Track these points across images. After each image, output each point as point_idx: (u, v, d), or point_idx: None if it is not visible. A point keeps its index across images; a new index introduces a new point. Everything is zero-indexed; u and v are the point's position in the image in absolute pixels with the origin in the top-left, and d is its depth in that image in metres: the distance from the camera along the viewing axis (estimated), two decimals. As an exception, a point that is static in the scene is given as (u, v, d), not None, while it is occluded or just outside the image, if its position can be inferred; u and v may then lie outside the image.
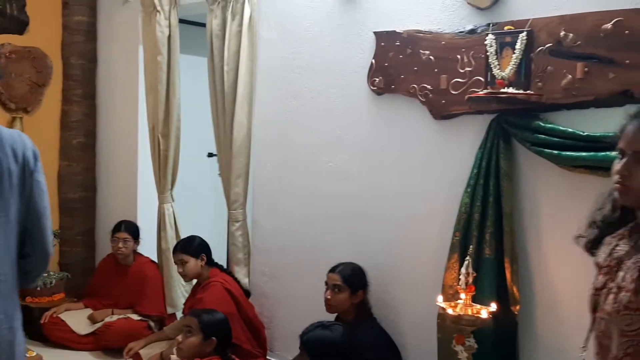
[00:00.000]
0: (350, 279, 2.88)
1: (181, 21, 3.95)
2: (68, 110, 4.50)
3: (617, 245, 1.45)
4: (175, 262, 3.56)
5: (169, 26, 3.85)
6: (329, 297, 2.88)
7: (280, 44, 3.44)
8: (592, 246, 1.52)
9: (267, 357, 3.49)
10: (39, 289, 4.01)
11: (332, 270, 2.94)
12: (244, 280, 3.61)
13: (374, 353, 2.75)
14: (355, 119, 3.17)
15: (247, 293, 3.56)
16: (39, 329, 3.87)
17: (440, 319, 2.67)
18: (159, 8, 3.81)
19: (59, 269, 4.46)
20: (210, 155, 4.42)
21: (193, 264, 3.46)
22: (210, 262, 3.54)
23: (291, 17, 3.38)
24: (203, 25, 3.72)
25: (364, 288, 2.91)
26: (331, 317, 2.93)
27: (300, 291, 3.38)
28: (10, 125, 4.18)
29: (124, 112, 4.39)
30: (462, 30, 2.75)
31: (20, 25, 4.20)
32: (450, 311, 2.43)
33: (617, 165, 1.40)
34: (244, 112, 3.50)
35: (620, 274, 1.38)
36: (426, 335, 2.81)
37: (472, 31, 2.72)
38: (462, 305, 2.43)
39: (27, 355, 3.62)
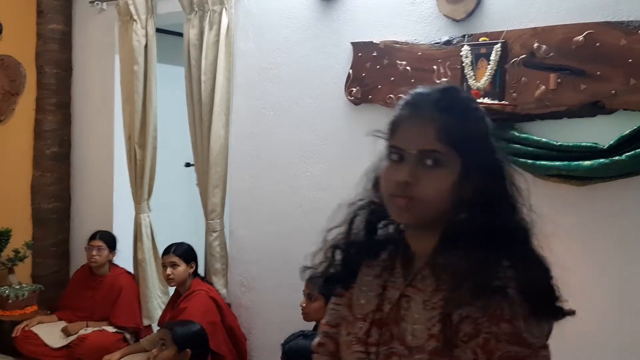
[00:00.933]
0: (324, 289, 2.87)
1: (158, 30, 3.94)
2: (42, 120, 4.44)
3: (387, 281, 1.09)
4: (164, 264, 3.44)
5: (146, 35, 3.83)
6: (303, 305, 2.88)
7: (258, 54, 3.45)
8: (337, 282, 1.18)
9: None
10: (10, 301, 3.93)
11: (308, 279, 2.93)
12: (222, 291, 3.58)
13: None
14: (333, 129, 3.18)
15: (228, 303, 3.54)
16: (11, 343, 3.79)
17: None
18: (135, 17, 3.79)
19: (31, 281, 4.37)
20: (187, 165, 4.39)
21: (183, 269, 3.42)
22: (195, 272, 3.51)
23: (268, 27, 3.39)
24: (180, 34, 3.71)
25: None
26: (311, 326, 2.93)
27: (279, 302, 3.37)
28: (-18, 134, 4.12)
29: (99, 122, 4.35)
30: (438, 41, 2.78)
31: (-8, 34, 4.15)
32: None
33: (395, 170, 1.06)
34: (220, 122, 3.49)
35: (407, 326, 1.01)
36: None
37: (448, 42, 2.75)
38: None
39: (-2, 369, 3.55)
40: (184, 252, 3.46)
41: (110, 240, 3.97)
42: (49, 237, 4.46)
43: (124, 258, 4.04)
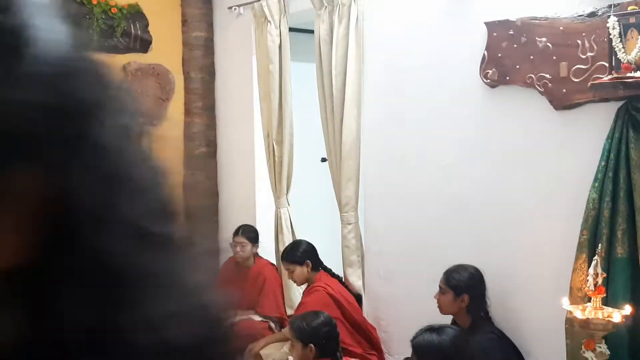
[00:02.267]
0: (453, 282, 2.76)
1: (291, 29, 4.04)
2: (190, 122, 4.76)
3: None
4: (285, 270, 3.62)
5: (280, 35, 3.94)
6: (436, 297, 2.80)
7: (387, 43, 3.40)
8: None
9: (384, 360, 3.45)
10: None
11: (446, 272, 2.85)
12: (358, 283, 3.60)
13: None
14: (468, 115, 3.05)
15: (358, 296, 3.54)
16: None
17: (569, 324, 2.49)
18: (269, 18, 3.92)
19: (185, 272, 4.70)
20: (323, 160, 4.46)
21: (299, 271, 3.50)
22: (317, 266, 3.56)
23: (398, 15, 3.34)
24: (312, 32, 3.77)
25: (469, 292, 2.76)
26: (447, 320, 2.84)
27: (416, 294, 3.30)
28: (139, 138, 4.49)
29: (240, 122, 4.57)
30: (581, 13, 2.57)
31: (144, 44, 4.51)
32: (578, 315, 2.25)
33: None
34: (352, 115, 3.50)
35: None
36: (554, 340, 2.63)
37: (592, 14, 2.53)
38: (591, 309, 2.24)
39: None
40: (292, 256, 3.54)
41: (252, 235, 4.14)
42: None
43: (267, 250, 4.20)
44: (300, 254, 3.53)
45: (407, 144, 3.35)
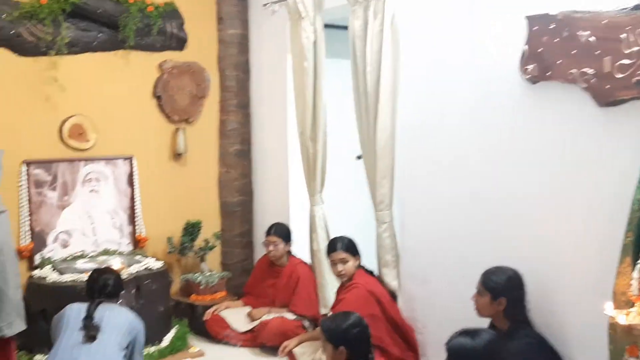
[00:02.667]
0: (491, 284, 2.68)
1: (325, 26, 4.00)
2: (225, 120, 4.78)
3: None
4: (334, 261, 3.47)
5: (314, 32, 3.91)
6: (473, 299, 2.73)
7: (423, 39, 3.34)
8: None
9: (420, 362, 3.40)
10: (202, 287, 4.29)
11: (484, 273, 2.77)
12: (393, 283, 3.55)
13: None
14: (508, 112, 2.96)
15: (393, 295, 3.49)
16: (203, 325, 4.14)
17: (612, 329, 2.38)
18: (304, 15, 3.90)
19: (220, 269, 4.74)
20: (359, 157, 4.42)
21: (352, 263, 3.45)
22: (359, 263, 3.53)
23: (434, 10, 3.27)
24: (347, 28, 3.73)
25: (507, 295, 2.67)
26: (484, 323, 2.77)
27: (454, 295, 3.24)
28: (175, 135, 4.54)
29: (275, 119, 4.56)
30: (624, 7, 2.45)
31: (179, 42, 4.54)
32: (621, 320, 2.16)
33: None
34: (387, 112, 3.45)
35: None
36: (597, 346, 2.52)
37: (636, 7, 2.42)
38: (635, 314, 2.14)
39: (190, 350, 3.89)
40: (351, 246, 3.48)
41: (284, 234, 4.14)
42: (235, 228, 4.80)
43: (301, 248, 4.18)
44: (355, 246, 3.47)
45: (443, 141, 3.28)
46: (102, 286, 2.70)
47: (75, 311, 2.58)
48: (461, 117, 3.18)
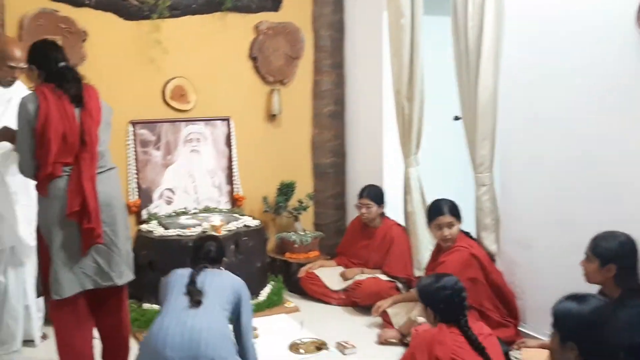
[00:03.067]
0: (600, 250, 2.53)
1: (424, -20, 3.87)
2: (319, 81, 4.78)
3: None
4: (440, 225, 3.33)
5: (412, -13, 3.79)
6: (582, 265, 2.60)
7: (531, -9, 3.15)
8: None
9: (519, 329, 3.31)
10: (296, 246, 4.38)
11: (593, 238, 2.64)
12: (492, 247, 3.45)
13: (632, 337, 2.38)
14: (620, 70, 2.75)
15: (492, 260, 3.40)
16: (297, 282, 4.24)
17: None
18: (401, -30, 3.78)
19: (313, 229, 4.81)
20: (456, 118, 4.30)
21: (457, 227, 3.33)
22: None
23: (544, -41, 3.07)
24: (446, -18, 3.59)
25: (617, 262, 2.52)
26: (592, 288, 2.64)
27: (556, 261, 3.11)
28: (269, 96, 4.59)
29: (369, 79, 4.50)
30: None
31: (275, 3, 4.56)
32: None
33: None
34: (489, 70, 3.31)
35: None
36: None
37: None
38: None
39: (286, 305, 4.00)
40: (455, 209, 3.36)
41: (376, 196, 4.11)
42: (328, 189, 4.84)
43: (395, 210, 4.16)
44: (458, 210, 3.37)
45: (549, 100, 3.11)
46: (205, 252, 2.79)
47: (180, 276, 2.67)
48: (571, 74, 2.99)
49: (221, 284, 2.65)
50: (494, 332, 2.69)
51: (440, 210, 3.36)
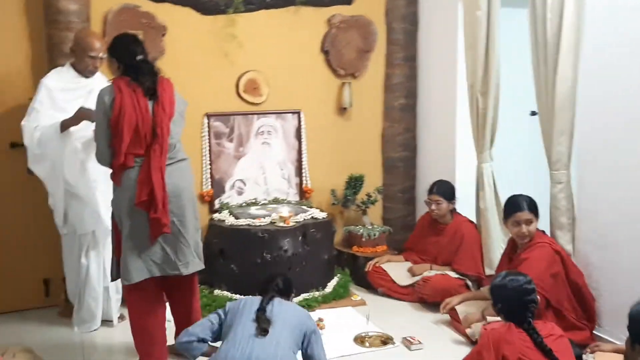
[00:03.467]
0: None
1: (501, -29, 3.76)
2: (391, 74, 4.74)
3: None
4: (518, 222, 3.23)
5: (489, -22, 3.69)
6: None
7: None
8: None
9: (594, 332, 3.18)
10: (363, 239, 4.38)
11: None
12: (568, 247, 3.32)
13: None
14: None
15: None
16: (364, 276, 4.24)
17: None
18: (477, -40, 3.68)
19: (382, 223, 4.79)
20: (533, 113, 4.17)
21: (535, 224, 3.26)
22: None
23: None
24: (524, -28, 3.47)
25: None
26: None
27: (636, 263, 2.96)
28: (340, 89, 4.60)
29: (443, 72, 4.43)
30: None
31: (348, -4, 4.56)
32: None
33: None
34: (568, 62, 3.17)
35: None
36: None
37: None
38: None
39: (352, 298, 4.01)
40: (534, 206, 3.26)
41: (446, 192, 4.04)
42: (397, 183, 4.80)
43: (466, 206, 4.08)
44: (536, 206, 3.27)
45: (632, 94, 2.96)
46: (275, 284, 2.77)
47: (250, 303, 2.64)
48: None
49: (288, 314, 2.60)
50: (567, 334, 2.60)
51: (519, 206, 3.25)
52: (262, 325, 2.47)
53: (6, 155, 3.74)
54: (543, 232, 3.32)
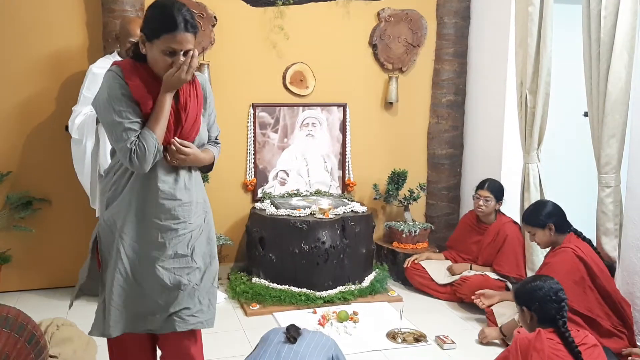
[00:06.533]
0: None
1: (557, -34, 3.64)
2: (439, 69, 4.67)
3: None
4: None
5: (543, -27, 3.58)
6: None
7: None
8: None
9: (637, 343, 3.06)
10: (404, 235, 4.34)
11: None
12: (613, 254, 3.21)
13: None
14: None
15: (610, 267, 3.16)
16: (402, 272, 4.21)
17: None
18: (532, -45, 3.58)
19: (424, 220, 4.74)
20: (586, 114, 4.03)
21: (541, 234, 3.21)
22: (563, 229, 3.22)
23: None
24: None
25: None
26: None
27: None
28: (387, 84, 4.57)
29: (493, 69, 4.33)
30: None
31: (399, -10, 4.51)
32: None
33: None
34: (622, 61, 3.05)
35: None
36: None
37: None
38: None
39: (389, 293, 3.99)
40: (533, 219, 3.26)
41: (497, 191, 3.96)
42: (442, 181, 4.74)
43: (511, 207, 3.99)
44: (543, 217, 3.22)
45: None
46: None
47: (278, 330, 2.48)
48: None
49: (316, 337, 2.44)
50: (604, 342, 2.52)
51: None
52: (291, 333, 2.42)
53: (62, 138, 3.89)
54: (580, 235, 3.21)
